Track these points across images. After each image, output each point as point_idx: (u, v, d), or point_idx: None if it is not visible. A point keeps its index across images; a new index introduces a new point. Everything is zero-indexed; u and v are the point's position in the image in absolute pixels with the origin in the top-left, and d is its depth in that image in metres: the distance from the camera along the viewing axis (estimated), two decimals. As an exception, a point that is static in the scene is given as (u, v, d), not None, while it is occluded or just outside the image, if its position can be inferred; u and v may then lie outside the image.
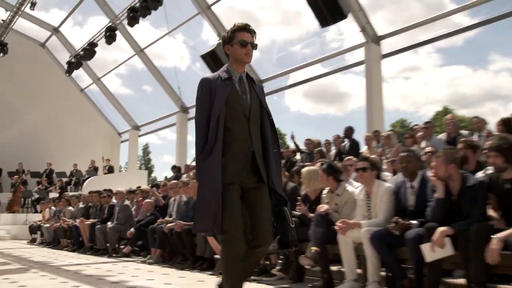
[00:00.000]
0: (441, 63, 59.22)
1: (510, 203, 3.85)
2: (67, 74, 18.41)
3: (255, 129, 3.10)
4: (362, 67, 12.14)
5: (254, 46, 3.15)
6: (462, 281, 4.03)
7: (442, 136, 7.76)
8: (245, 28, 3.15)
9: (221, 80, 3.08)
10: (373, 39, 11.66)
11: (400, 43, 12.19)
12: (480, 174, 4.46)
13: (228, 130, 2.99)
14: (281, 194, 3.14)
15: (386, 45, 11.92)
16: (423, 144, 7.51)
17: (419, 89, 59.13)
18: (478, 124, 7.56)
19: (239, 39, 3.11)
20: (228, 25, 14.43)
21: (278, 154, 3.21)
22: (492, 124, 7.30)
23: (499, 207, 4.02)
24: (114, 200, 9.92)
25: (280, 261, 5.31)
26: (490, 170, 4.27)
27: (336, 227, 4.65)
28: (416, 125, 9.29)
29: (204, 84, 3.09)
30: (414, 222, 4.33)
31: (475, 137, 7.04)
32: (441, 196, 4.11)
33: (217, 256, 6.31)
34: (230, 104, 3.03)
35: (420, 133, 7.89)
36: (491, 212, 4.08)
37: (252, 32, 3.16)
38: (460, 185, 4.07)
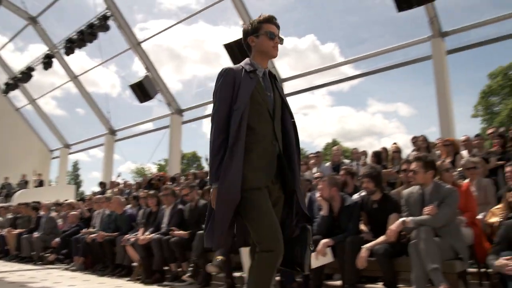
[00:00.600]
0: (332, 103, 62.05)
1: (376, 219, 4.12)
2: (4, 94, 17.40)
3: (279, 130, 2.44)
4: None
5: (281, 41, 2.51)
6: (338, 282, 4.23)
7: (329, 163, 8.10)
8: (272, 21, 2.50)
9: (245, 72, 2.41)
10: (278, 80, 11.98)
11: (300, 85, 12.70)
12: (355, 196, 4.72)
13: (251, 129, 2.31)
14: (305, 208, 2.45)
15: (289, 86, 12.34)
16: (314, 170, 7.78)
17: (314, 123, 61.65)
18: (357, 154, 7.99)
19: (266, 30, 2.45)
20: (156, 61, 14.37)
21: (299, 160, 2.50)
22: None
23: (368, 222, 4.28)
24: (41, 212, 9.31)
25: (190, 268, 5.25)
26: (363, 192, 4.54)
27: (239, 238, 4.68)
28: (311, 153, 9.61)
29: (228, 74, 2.39)
30: (303, 234, 4.48)
31: (354, 166, 7.42)
32: (325, 213, 4.31)
33: (134, 264, 6.11)
34: (255, 100, 2.36)
35: (312, 161, 8.18)
36: (362, 227, 4.33)
37: (278, 27, 2.51)
38: (340, 204, 4.30)
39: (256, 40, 2.48)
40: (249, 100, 2.32)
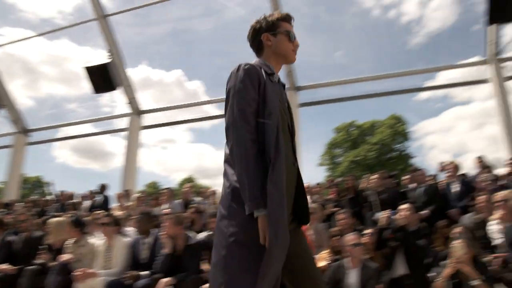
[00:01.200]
0: (192, 140, 62.70)
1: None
2: None
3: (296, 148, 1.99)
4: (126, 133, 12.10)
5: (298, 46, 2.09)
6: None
7: (180, 200, 8.09)
8: (290, 21, 2.07)
9: (265, 74, 1.91)
10: (136, 111, 11.79)
11: (161, 119, 12.65)
12: (203, 234, 4.80)
13: None
14: None
15: (150, 118, 12.20)
16: (165, 206, 7.69)
17: (172, 158, 61.59)
18: (207, 194, 8.12)
19: (286, 29, 2.03)
20: (6, 72, 13.03)
21: None
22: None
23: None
24: None
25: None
26: (211, 231, 4.64)
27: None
28: (166, 188, 9.46)
29: (251, 71, 1.85)
30: (144, 273, 4.39)
31: (204, 204, 7.51)
32: (169, 251, 4.29)
33: None
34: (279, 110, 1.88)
35: (163, 197, 8.08)
36: (207, 266, 4.40)
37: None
38: (184, 243, 4.33)
39: (273, 40, 2.03)
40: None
